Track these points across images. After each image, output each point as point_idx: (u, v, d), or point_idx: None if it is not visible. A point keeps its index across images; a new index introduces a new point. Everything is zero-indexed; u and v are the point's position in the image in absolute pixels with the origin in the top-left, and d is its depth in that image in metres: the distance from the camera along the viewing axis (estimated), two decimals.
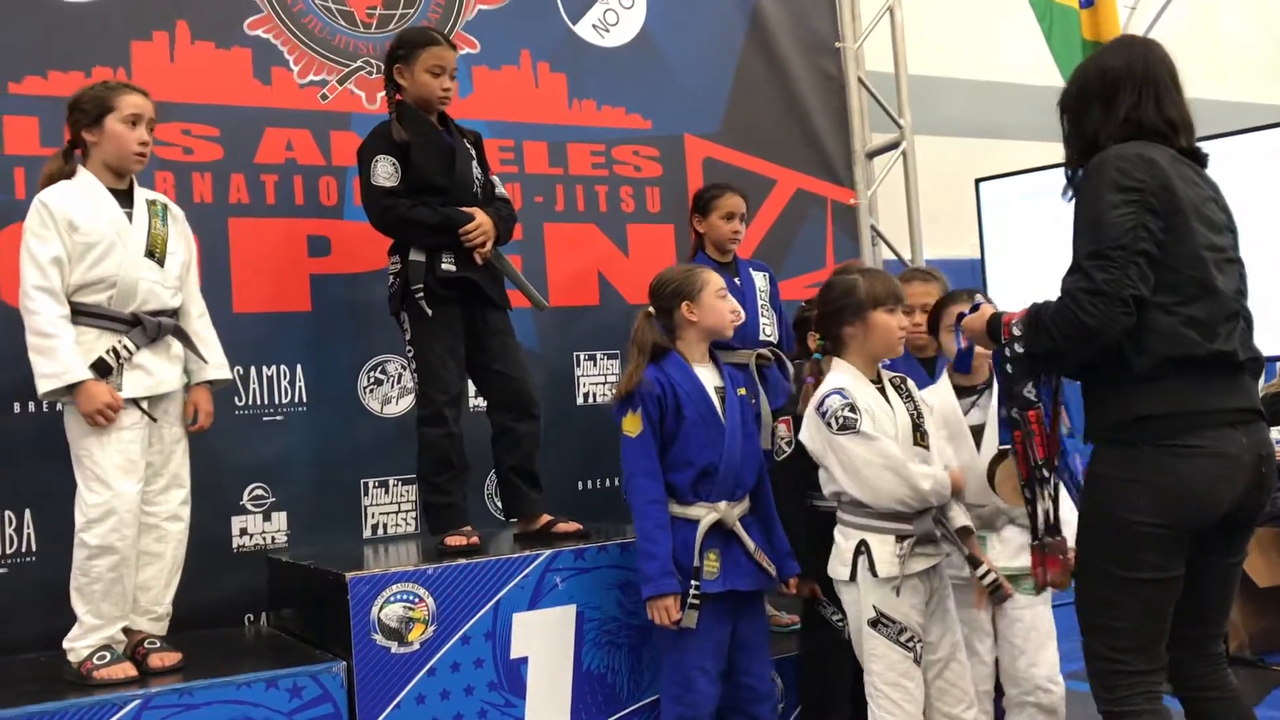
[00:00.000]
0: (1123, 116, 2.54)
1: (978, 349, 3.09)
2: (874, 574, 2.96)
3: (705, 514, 3.14)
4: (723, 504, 3.16)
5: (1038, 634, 3.23)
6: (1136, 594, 2.45)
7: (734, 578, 3.15)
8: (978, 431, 3.28)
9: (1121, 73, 2.57)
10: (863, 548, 2.99)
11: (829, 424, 3.00)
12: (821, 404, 3.03)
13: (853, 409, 2.98)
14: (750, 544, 3.19)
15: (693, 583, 3.08)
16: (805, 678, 3.51)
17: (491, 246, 3.59)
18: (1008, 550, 3.26)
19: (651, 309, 3.29)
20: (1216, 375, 2.42)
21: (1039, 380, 2.65)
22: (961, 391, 3.34)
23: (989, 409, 3.26)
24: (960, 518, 3.09)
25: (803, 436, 3.11)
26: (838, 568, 3.06)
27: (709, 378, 3.26)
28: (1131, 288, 2.37)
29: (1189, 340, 2.39)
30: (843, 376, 3.08)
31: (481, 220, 3.54)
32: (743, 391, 3.32)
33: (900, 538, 2.98)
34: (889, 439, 3.00)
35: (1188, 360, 2.39)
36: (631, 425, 3.16)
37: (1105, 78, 2.59)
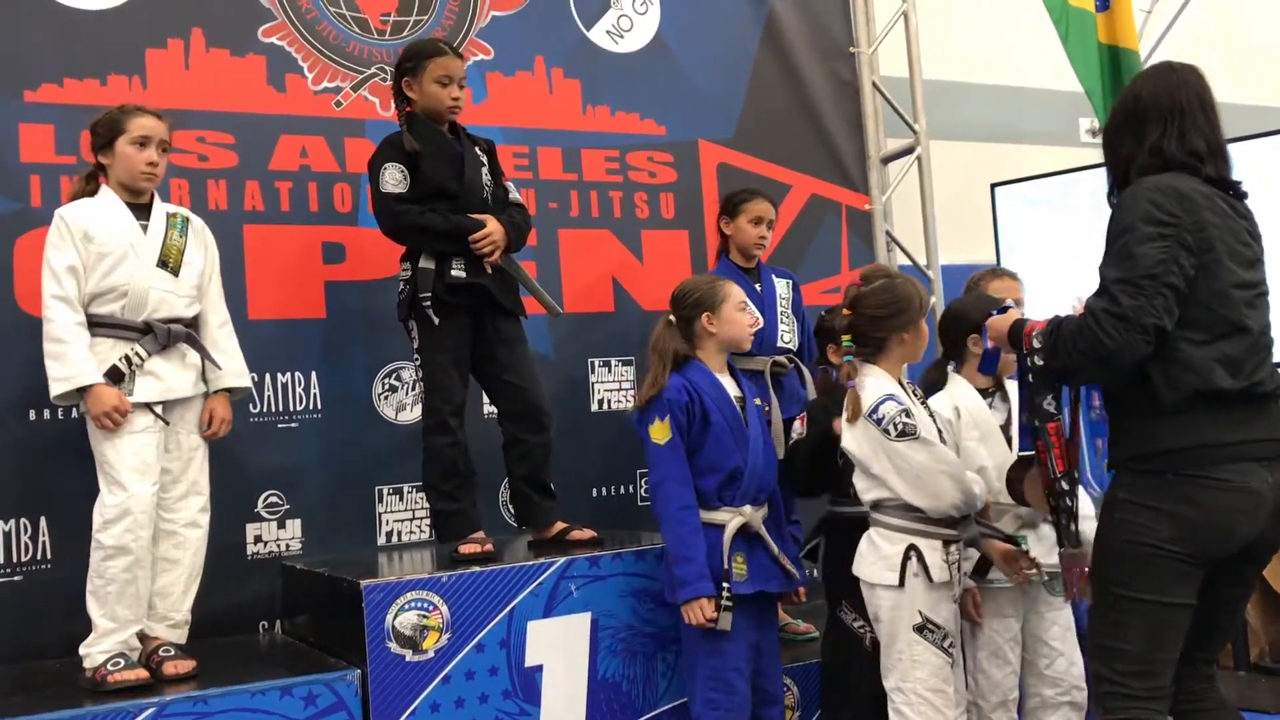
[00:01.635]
0: (1148, 148, 2.56)
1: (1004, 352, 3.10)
2: (930, 579, 2.92)
3: (731, 518, 3.17)
4: (747, 508, 3.20)
5: (1071, 635, 3.27)
6: (1148, 618, 2.46)
7: (762, 579, 3.21)
8: (1004, 429, 3.28)
9: (1149, 103, 2.59)
10: (911, 552, 2.95)
11: (886, 430, 2.95)
12: (875, 410, 2.97)
13: (908, 413, 2.96)
14: (774, 547, 3.23)
15: (725, 585, 3.10)
16: (829, 685, 3.49)
17: (502, 254, 3.58)
18: (1042, 547, 3.23)
19: (672, 317, 3.30)
20: (1243, 409, 2.44)
21: (1059, 393, 2.67)
22: (980, 392, 3.33)
23: (1005, 409, 3.28)
24: (1008, 524, 3.15)
25: (848, 443, 3.04)
26: (882, 572, 2.98)
27: (729, 386, 3.29)
28: (1155, 317, 2.38)
29: (1218, 376, 2.41)
30: (885, 383, 3.04)
31: (492, 229, 3.53)
32: (758, 401, 3.36)
33: (946, 542, 2.96)
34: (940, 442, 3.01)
35: (1216, 395, 2.41)
36: (660, 432, 3.17)
37: (1136, 107, 2.61)
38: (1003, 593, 3.20)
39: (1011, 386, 3.32)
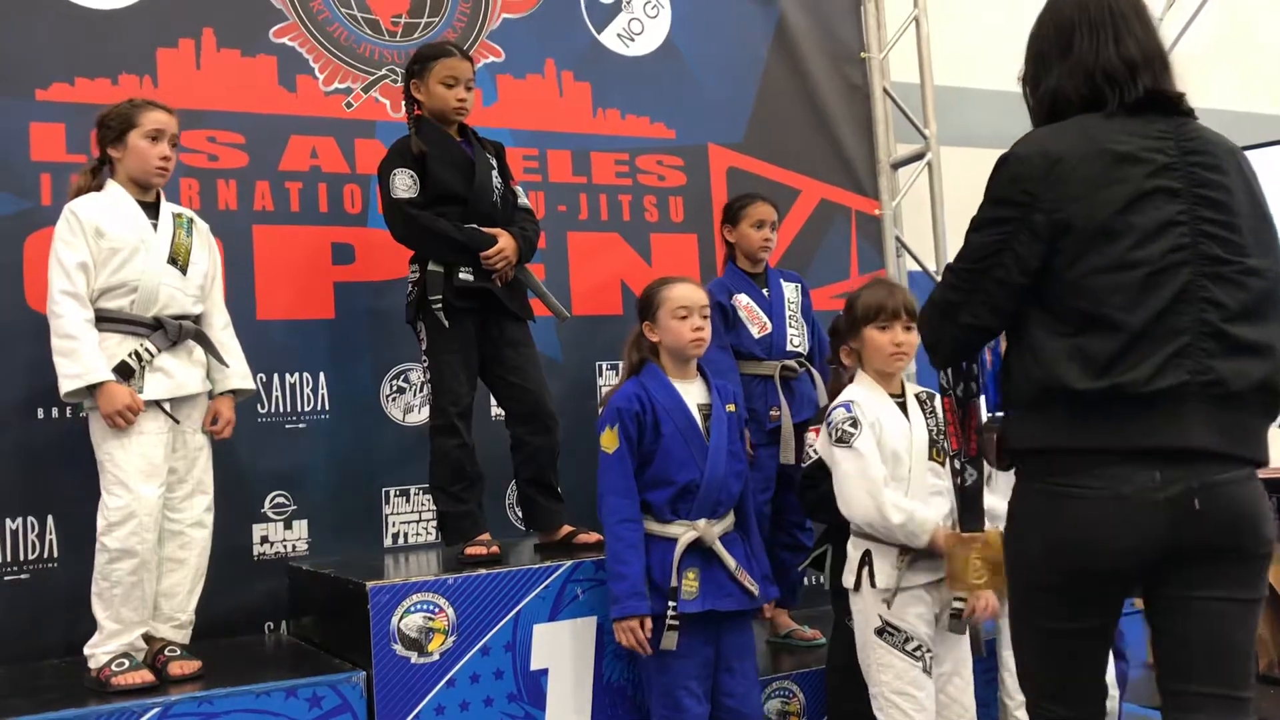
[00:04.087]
0: (1072, 64, 2.17)
1: None
2: (873, 584, 2.99)
3: (684, 532, 3.10)
4: (702, 522, 3.12)
5: None
6: (1042, 642, 2.17)
7: (715, 598, 3.10)
8: None
9: (1075, 13, 2.19)
10: (866, 558, 3.02)
11: (830, 434, 3.04)
12: (829, 415, 3.07)
13: (854, 423, 3.01)
14: (731, 563, 3.13)
15: (670, 603, 3.03)
16: (836, 690, 3.47)
17: (513, 266, 3.58)
18: None
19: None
20: (1118, 411, 2.01)
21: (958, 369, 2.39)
22: None
23: None
24: None
25: (819, 447, 3.15)
26: (847, 577, 3.08)
27: (694, 394, 3.21)
28: (971, 316, 2.14)
29: (1070, 373, 2.02)
30: (858, 389, 3.11)
31: (504, 245, 3.52)
32: (732, 408, 3.25)
33: (902, 551, 2.99)
34: (886, 460, 3.00)
35: (1068, 394, 2.02)
36: (608, 442, 3.12)
37: (1059, 24, 2.22)
38: None
39: None
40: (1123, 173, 2.05)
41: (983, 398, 2.38)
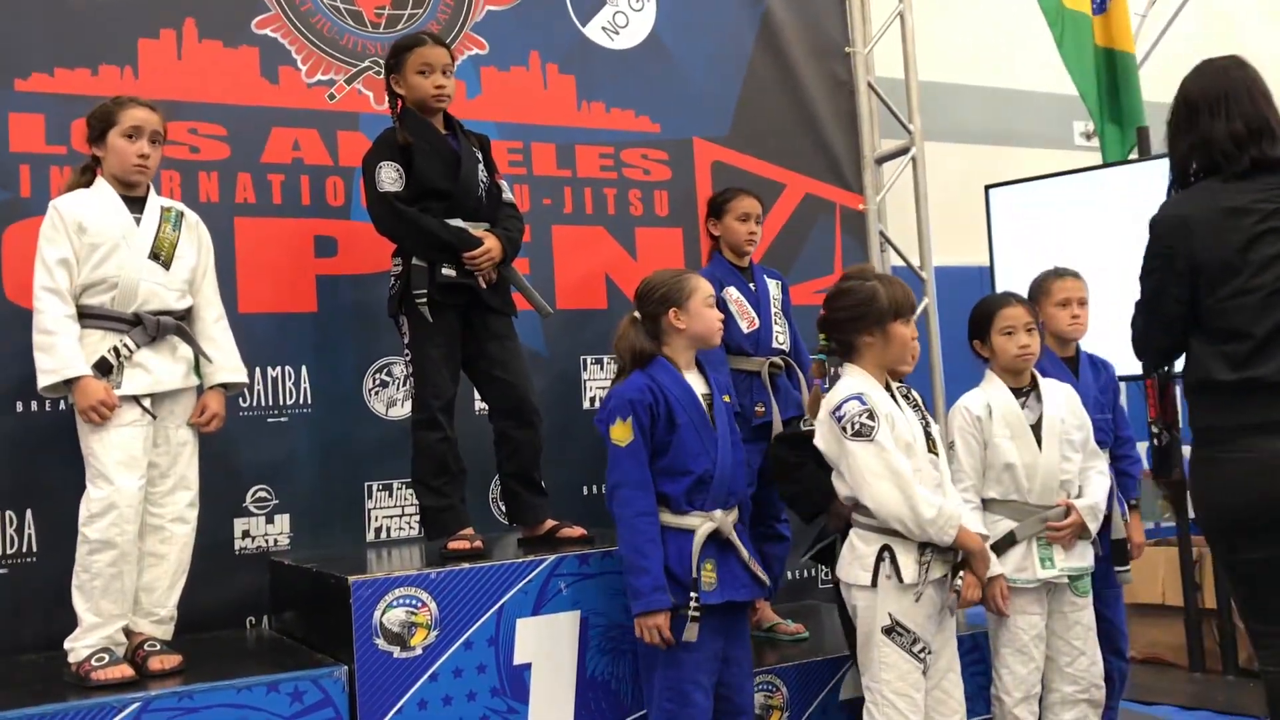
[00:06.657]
0: (1197, 140, 2.78)
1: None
2: (900, 580, 2.95)
3: (701, 523, 3.08)
4: (718, 512, 3.11)
5: (1093, 634, 3.38)
6: (1231, 576, 2.83)
7: (731, 588, 3.10)
8: (1034, 430, 3.33)
9: (1197, 98, 2.80)
10: (885, 553, 2.98)
11: (844, 429, 2.98)
12: (839, 408, 3.01)
13: (871, 416, 2.97)
14: (745, 553, 3.14)
15: (692, 595, 3.01)
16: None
17: (497, 266, 3.57)
18: (1073, 556, 3.34)
19: (637, 314, 3.23)
20: (1251, 396, 2.67)
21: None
22: (1015, 391, 3.39)
23: (1038, 409, 3.35)
24: (1032, 526, 3.30)
25: (818, 441, 3.09)
26: (856, 572, 3.04)
27: (697, 384, 3.20)
28: (1156, 343, 2.88)
29: (1215, 368, 2.71)
30: (859, 382, 3.06)
31: (490, 246, 3.51)
32: (728, 399, 3.26)
33: (922, 546, 2.97)
34: (902, 453, 2.98)
35: (1216, 384, 2.71)
36: (621, 434, 3.08)
37: (1188, 102, 2.82)
38: (1028, 591, 3.28)
39: (1045, 386, 3.36)
40: (1236, 223, 2.70)
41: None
